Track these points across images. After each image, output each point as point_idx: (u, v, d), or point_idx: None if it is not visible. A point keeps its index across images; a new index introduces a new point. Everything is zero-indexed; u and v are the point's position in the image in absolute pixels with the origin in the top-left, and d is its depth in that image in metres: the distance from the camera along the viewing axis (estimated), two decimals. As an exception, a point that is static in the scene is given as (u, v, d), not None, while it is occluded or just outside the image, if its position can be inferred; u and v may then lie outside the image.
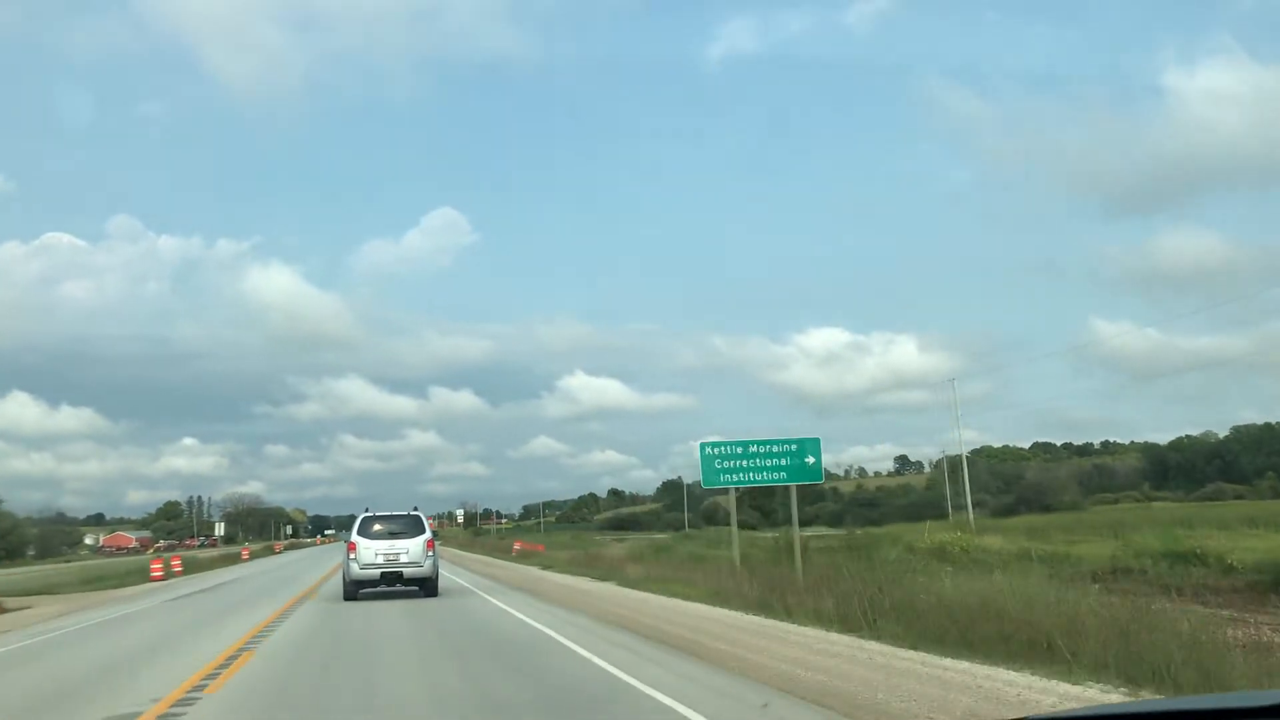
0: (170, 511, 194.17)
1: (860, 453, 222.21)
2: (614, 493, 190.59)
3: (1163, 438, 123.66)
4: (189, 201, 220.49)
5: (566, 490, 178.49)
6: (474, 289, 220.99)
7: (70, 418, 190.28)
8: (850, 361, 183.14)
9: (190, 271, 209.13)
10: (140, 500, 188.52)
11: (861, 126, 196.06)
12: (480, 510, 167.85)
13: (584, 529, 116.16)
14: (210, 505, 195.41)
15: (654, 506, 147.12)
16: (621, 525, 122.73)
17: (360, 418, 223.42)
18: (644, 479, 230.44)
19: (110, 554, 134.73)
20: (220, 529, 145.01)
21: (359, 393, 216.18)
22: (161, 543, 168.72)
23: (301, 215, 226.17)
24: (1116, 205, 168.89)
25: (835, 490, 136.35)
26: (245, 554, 64.91)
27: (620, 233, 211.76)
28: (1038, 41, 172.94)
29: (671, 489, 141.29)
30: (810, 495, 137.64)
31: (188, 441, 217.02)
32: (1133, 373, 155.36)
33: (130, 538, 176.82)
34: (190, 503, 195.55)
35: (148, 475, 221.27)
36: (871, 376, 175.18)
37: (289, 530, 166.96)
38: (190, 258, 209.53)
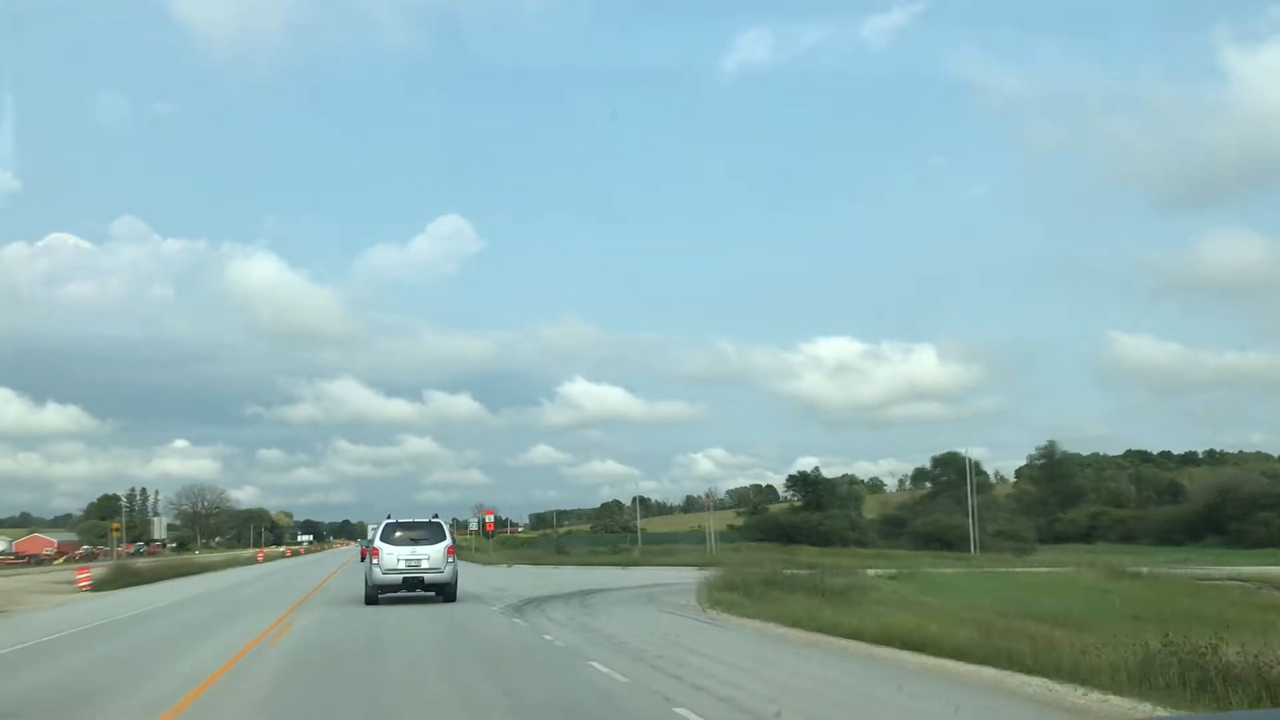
0: (106, 508, 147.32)
1: (865, 467, 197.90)
2: (641, 500, 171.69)
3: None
4: (194, 201, 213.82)
5: (564, 500, 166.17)
6: (478, 296, 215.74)
7: (58, 415, 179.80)
8: (863, 372, 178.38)
9: (190, 272, 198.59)
10: (161, 508, 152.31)
11: (878, 137, 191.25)
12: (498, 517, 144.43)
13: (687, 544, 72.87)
14: (158, 502, 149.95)
15: (783, 508, 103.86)
16: (785, 536, 77.94)
17: (356, 422, 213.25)
18: (645, 490, 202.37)
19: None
20: (160, 527, 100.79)
21: (354, 395, 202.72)
22: (82, 549, 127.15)
23: (306, 218, 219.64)
24: (1159, 204, 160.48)
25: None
26: None
27: (627, 241, 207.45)
28: (1061, 52, 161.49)
29: (803, 485, 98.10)
30: (1156, 490, 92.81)
31: (179, 444, 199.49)
32: (1153, 387, 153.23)
33: (53, 541, 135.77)
34: (131, 497, 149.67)
35: (140, 477, 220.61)
36: (886, 387, 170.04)
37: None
38: (192, 259, 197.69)
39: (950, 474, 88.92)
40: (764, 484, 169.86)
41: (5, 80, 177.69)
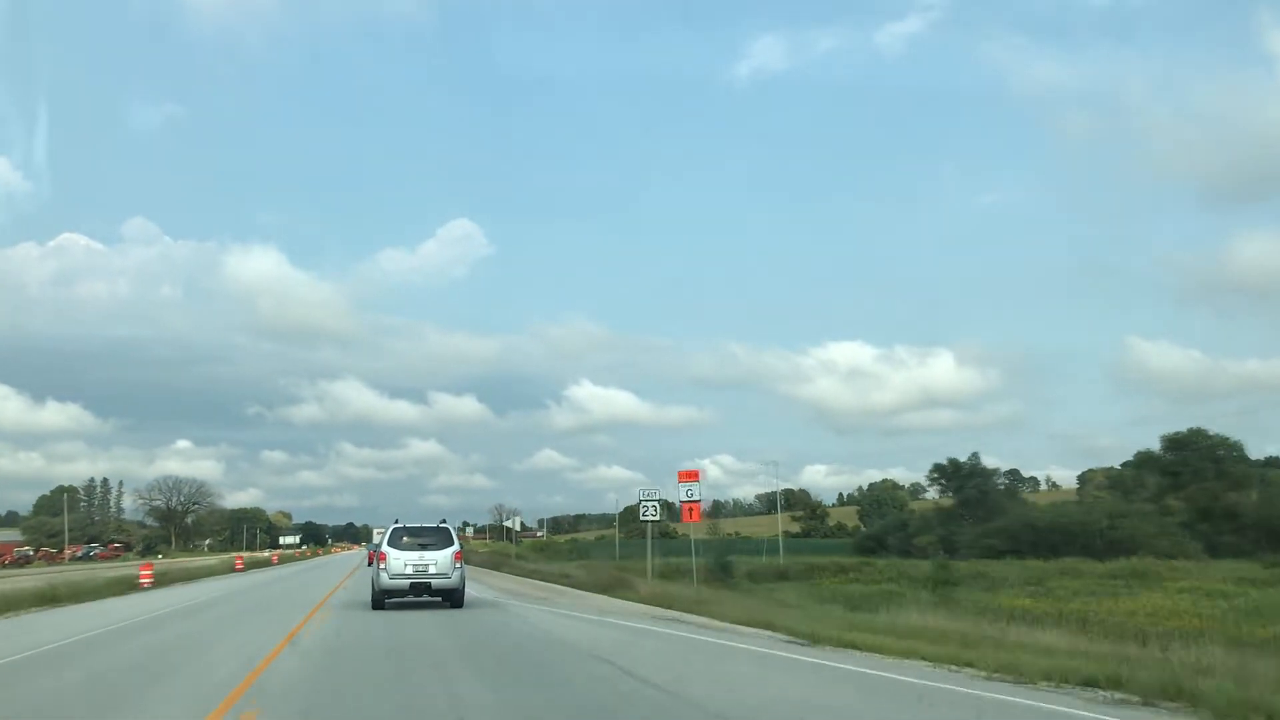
0: (58, 503, 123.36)
1: (871, 475, 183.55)
2: (662, 504, 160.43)
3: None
4: (204, 204, 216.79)
5: (570, 506, 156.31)
6: (486, 299, 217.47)
7: (58, 414, 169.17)
8: (877, 377, 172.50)
9: (198, 273, 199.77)
10: (126, 504, 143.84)
11: (893, 141, 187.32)
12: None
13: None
14: (122, 496, 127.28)
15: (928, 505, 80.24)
16: (1048, 547, 52.63)
17: (360, 424, 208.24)
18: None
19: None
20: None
21: (358, 397, 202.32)
22: (15, 552, 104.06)
23: (313, 221, 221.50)
24: (1194, 204, 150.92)
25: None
26: None
27: (638, 244, 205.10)
28: (1087, 48, 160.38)
29: (954, 477, 74.24)
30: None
31: (182, 444, 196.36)
32: (1171, 394, 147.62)
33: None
34: (91, 490, 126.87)
35: (143, 477, 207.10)
36: (900, 393, 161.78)
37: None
38: (200, 260, 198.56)
39: (1195, 458, 63.33)
40: (795, 488, 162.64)
41: (20, 84, 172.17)
